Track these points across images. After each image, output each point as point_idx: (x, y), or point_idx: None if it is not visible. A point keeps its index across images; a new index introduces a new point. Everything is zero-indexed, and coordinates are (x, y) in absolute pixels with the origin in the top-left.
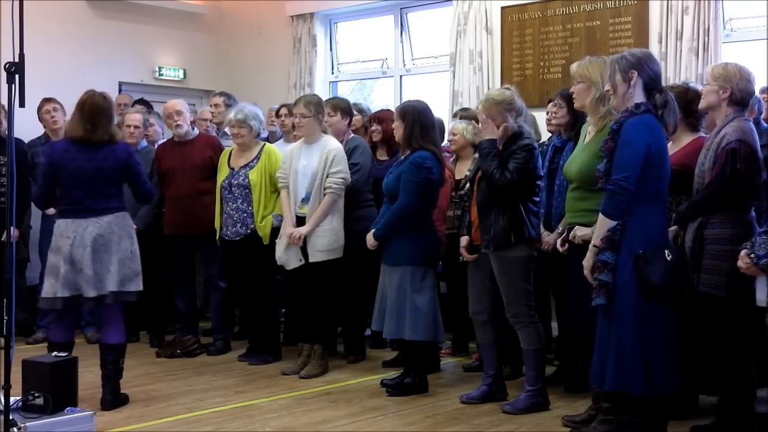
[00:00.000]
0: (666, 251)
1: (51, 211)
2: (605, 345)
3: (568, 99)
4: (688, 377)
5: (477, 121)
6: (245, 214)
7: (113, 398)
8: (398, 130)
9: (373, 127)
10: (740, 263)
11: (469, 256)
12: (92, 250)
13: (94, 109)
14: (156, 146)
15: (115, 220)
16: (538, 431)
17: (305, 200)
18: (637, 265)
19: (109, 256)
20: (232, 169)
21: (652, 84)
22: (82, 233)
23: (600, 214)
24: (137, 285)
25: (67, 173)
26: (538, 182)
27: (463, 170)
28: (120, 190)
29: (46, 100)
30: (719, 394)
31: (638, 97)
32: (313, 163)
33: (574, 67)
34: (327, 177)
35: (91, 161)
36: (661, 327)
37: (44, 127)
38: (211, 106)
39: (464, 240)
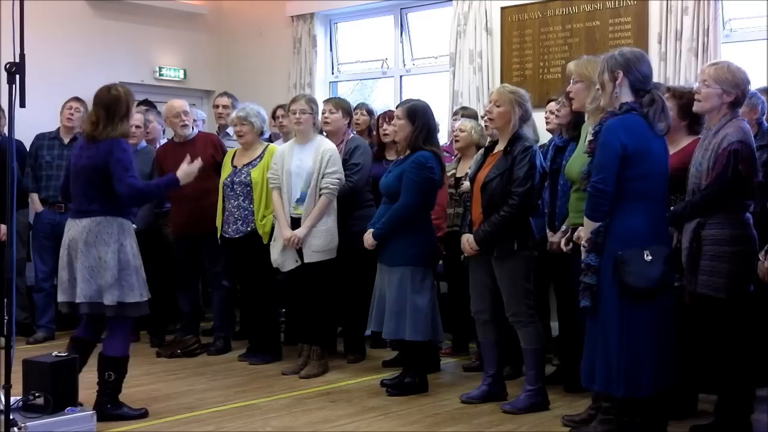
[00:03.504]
0: (645, 252)
1: (39, 208)
2: (592, 346)
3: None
4: (688, 376)
5: (477, 120)
6: (246, 212)
7: (99, 409)
8: (403, 129)
9: (385, 127)
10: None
11: (471, 250)
12: (67, 254)
13: (96, 103)
14: (156, 147)
15: (90, 224)
16: (538, 431)
17: (300, 201)
18: (615, 267)
19: (75, 262)
20: (235, 167)
21: (640, 85)
22: (66, 235)
23: (584, 216)
24: (111, 298)
25: (70, 170)
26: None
27: (465, 169)
28: (103, 193)
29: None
30: (718, 393)
31: (625, 96)
32: (308, 163)
33: (571, 66)
34: (323, 177)
35: (81, 159)
36: (644, 329)
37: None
38: (218, 106)
39: (466, 237)
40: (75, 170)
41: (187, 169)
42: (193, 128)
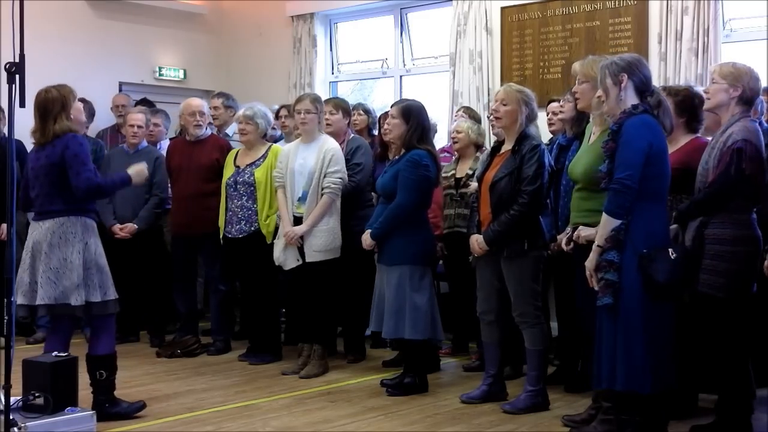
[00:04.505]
0: (670, 250)
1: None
2: (611, 345)
3: None
4: (688, 376)
5: (480, 122)
6: (250, 212)
7: (98, 409)
8: (397, 128)
9: (384, 126)
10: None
11: (480, 250)
12: (30, 256)
13: (34, 110)
14: (168, 143)
15: (54, 226)
16: (538, 431)
17: (302, 200)
18: (641, 264)
19: (38, 264)
20: (238, 167)
21: (643, 87)
22: (29, 238)
23: (603, 213)
24: (78, 299)
25: (28, 173)
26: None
27: (464, 169)
28: (63, 190)
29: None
30: (719, 393)
31: (630, 99)
32: (310, 162)
33: (577, 66)
34: (325, 177)
35: (39, 160)
36: (665, 325)
37: None
38: (211, 107)
39: (475, 237)
40: (33, 173)
41: (137, 169)
42: (206, 129)
